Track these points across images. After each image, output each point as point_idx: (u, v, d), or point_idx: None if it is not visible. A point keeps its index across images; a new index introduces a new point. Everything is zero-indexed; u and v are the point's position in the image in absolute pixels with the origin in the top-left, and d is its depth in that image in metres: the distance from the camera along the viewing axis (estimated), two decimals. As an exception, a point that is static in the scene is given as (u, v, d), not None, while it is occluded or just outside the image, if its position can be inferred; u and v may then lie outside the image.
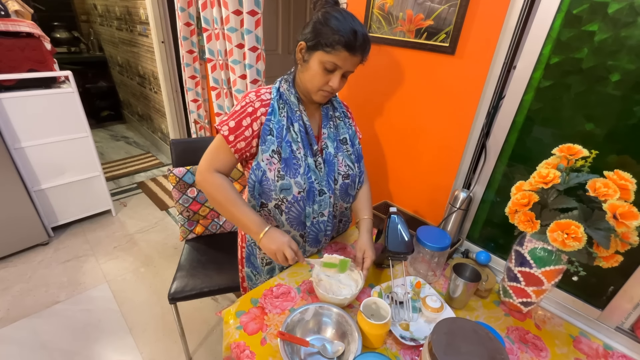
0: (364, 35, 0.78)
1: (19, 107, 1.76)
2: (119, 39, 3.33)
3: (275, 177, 0.85)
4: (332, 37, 0.76)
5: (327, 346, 0.76)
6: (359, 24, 0.79)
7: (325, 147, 0.92)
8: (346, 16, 0.78)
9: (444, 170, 1.15)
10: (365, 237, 0.95)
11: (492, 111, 0.99)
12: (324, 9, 0.80)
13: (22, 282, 1.81)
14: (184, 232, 1.46)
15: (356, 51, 0.78)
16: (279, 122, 0.85)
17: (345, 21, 0.77)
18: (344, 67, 0.80)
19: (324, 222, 0.95)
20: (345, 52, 0.77)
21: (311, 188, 0.88)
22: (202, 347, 1.54)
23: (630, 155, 0.81)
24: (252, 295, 0.91)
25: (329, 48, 0.77)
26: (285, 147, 0.85)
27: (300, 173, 0.86)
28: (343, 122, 0.97)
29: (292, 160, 0.86)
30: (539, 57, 0.86)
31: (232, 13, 1.49)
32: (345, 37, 0.75)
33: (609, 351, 0.84)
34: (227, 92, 1.87)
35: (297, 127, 0.87)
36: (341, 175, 0.93)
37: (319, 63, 0.80)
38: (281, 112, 0.86)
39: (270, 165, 0.85)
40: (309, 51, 0.81)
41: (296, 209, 0.89)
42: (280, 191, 0.86)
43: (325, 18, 0.78)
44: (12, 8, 1.78)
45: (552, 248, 0.78)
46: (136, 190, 2.79)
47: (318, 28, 0.78)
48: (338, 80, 0.81)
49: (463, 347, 0.60)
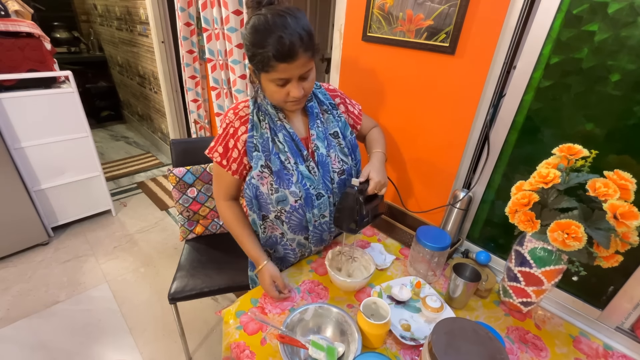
0: (295, 35, 0.69)
1: (19, 107, 1.76)
2: (119, 39, 3.33)
3: (269, 190, 0.84)
4: (262, 56, 0.70)
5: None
6: (287, 22, 0.69)
7: (316, 149, 0.88)
8: (269, 22, 0.69)
9: (444, 170, 1.15)
10: (374, 161, 0.90)
11: (492, 111, 0.99)
12: (249, 22, 0.73)
13: (22, 282, 1.81)
14: (184, 232, 1.46)
15: (293, 57, 0.70)
16: (262, 136, 0.84)
17: (267, 30, 0.69)
18: (293, 76, 0.74)
19: (326, 222, 0.94)
20: (282, 64, 0.70)
21: (308, 194, 0.86)
22: (202, 347, 1.54)
23: (630, 155, 0.80)
24: (252, 295, 0.91)
25: (267, 67, 0.72)
26: (274, 159, 0.83)
27: (294, 182, 0.84)
28: (332, 115, 0.93)
29: (283, 172, 0.84)
30: (539, 57, 0.86)
31: (232, 13, 1.49)
32: (273, 50, 0.68)
33: (609, 351, 0.84)
34: (227, 92, 1.87)
35: (282, 137, 0.85)
36: (336, 173, 0.91)
37: (268, 82, 0.76)
38: (262, 125, 0.84)
39: (261, 180, 0.84)
40: (255, 73, 0.78)
41: (296, 217, 0.89)
42: (277, 203, 0.85)
43: (250, 35, 0.72)
44: (12, 8, 1.78)
45: (552, 248, 0.78)
46: (136, 190, 2.79)
47: (249, 49, 0.73)
48: (297, 88, 0.76)
49: (463, 347, 0.60)
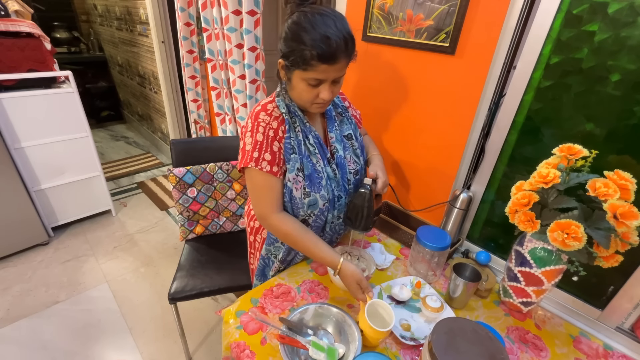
0: (340, 37, 0.69)
1: (19, 107, 1.76)
2: (119, 39, 3.33)
3: (302, 195, 0.84)
4: (305, 53, 0.69)
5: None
6: (333, 23, 0.69)
7: (336, 151, 0.90)
8: (315, 21, 0.69)
9: (444, 170, 1.15)
10: (377, 162, 0.96)
11: (492, 111, 0.99)
12: (291, 18, 0.72)
13: (22, 282, 1.81)
14: (184, 232, 1.46)
15: (335, 59, 0.70)
16: (297, 138, 0.83)
17: (315, 29, 0.68)
18: (329, 78, 0.74)
19: (339, 224, 0.96)
20: (324, 64, 0.70)
21: (333, 197, 0.87)
22: (202, 347, 1.54)
23: (630, 155, 0.80)
24: (252, 295, 0.91)
25: (305, 65, 0.70)
26: (307, 163, 0.83)
27: (323, 185, 0.85)
28: (345, 118, 0.95)
29: (314, 175, 0.84)
30: (539, 57, 0.86)
31: (232, 13, 1.49)
32: (318, 49, 0.67)
33: (609, 351, 0.84)
34: (227, 92, 1.87)
35: (312, 139, 0.85)
36: (352, 174, 0.93)
37: (301, 81, 0.75)
38: (295, 127, 0.83)
39: (296, 184, 0.83)
40: (288, 70, 0.76)
41: (320, 219, 0.90)
42: (308, 207, 0.85)
43: (292, 32, 0.70)
44: (12, 8, 1.78)
45: (552, 248, 0.78)
46: (136, 190, 2.79)
47: (289, 45, 0.71)
48: (328, 91, 0.76)
49: (463, 346, 0.60)
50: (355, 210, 0.85)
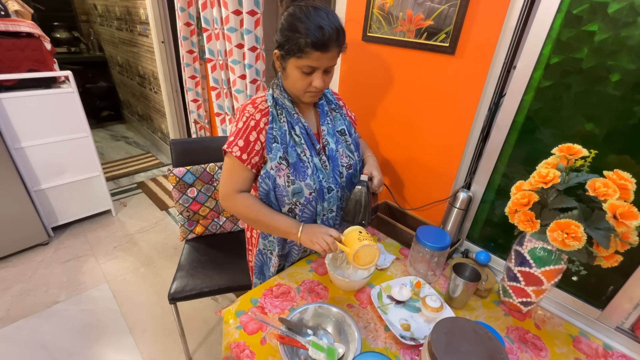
0: (332, 28, 0.75)
1: (19, 107, 1.76)
2: (119, 39, 3.33)
3: (285, 182, 0.86)
4: (299, 41, 0.74)
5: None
6: (325, 16, 0.76)
7: (327, 144, 0.92)
8: (309, 12, 0.75)
9: (444, 170, 1.15)
10: (372, 162, 1.01)
11: (492, 111, 0.99)
12: (287, 11, 0.78)
13: (22, 282, 1.81)
14: (184, 232, 1.46)
15: (328, 48, 0.76)
16: (281, 129, 0.86)
17: (309, 19, 0.74)
18: (321, 66, 0.79)
19: (332, 217, 0.96)
20: (317, 52, 0.75)
21: (321, 187, 0.89)
22: (202, 347, 1.54)
23: (630, 155, 0.80)
24: (252, 295, 0.91)
25: (300, 53, 0.76)
26: (291, 152, 0.86)
27: (309, 174, 0.87)
28: (339, 114, 0.98)
29: (299, 164, 0.86)
30: (539, 57, 0.86)
31: (232, 13, 1.49)
32: (312, 37, 0.73)
33: (608, 351, 0.84)
34: (227, 92, 1.87)
35: (298, 130, 0.88)
36: (345, 167, 0.95)
37: (295, 69, 0.80)
38: (280, 118, 0.87)
39: (279, 172, 0.85)
40: (283, 59, 0.81)
41: (308, 209, 0.91)
42: (293, 195, 0.87)
43: (288, 22, 0.76)
44: (12, 8, 1.78)
45: (552, 248, 0.78)
46: (136, 190, 2.79)
47: (285, 34, 0.77)
48: (320, 79, 0.81)
49: (463, 346, 0.60)
50: (352, 205, 0.91)
